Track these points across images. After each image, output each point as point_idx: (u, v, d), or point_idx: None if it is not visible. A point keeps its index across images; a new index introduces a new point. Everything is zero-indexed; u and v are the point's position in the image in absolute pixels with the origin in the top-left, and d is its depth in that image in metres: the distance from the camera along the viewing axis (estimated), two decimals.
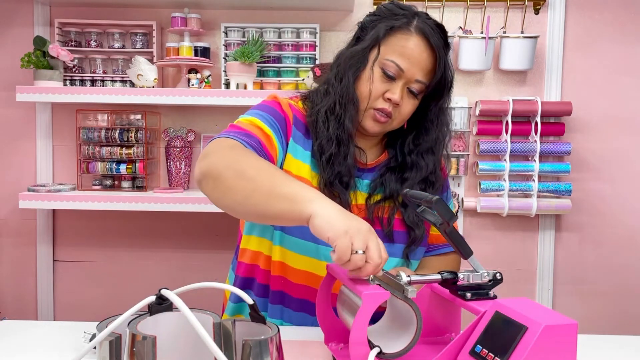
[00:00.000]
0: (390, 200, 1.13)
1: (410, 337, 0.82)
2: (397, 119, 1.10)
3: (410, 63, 1.05)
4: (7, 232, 2.27)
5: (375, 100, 1.08)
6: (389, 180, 1.14)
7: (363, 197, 1.13)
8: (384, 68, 1.06)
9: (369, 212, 1.11)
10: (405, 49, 1.05)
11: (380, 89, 1.07)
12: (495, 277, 0.86)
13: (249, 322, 0.71)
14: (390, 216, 1.12)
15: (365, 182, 1.15)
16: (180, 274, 2.28)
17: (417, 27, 1.06)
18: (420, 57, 1.05)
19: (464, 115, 2.18)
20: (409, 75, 1.06)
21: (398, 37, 1.06)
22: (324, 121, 1.09)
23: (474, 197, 2.21)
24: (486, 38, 2.09)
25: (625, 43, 2.19)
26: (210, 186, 0.92)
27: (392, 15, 1.08)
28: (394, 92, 1.06)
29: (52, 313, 2.29)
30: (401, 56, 1.05)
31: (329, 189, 1.07)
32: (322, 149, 1.08)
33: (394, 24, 1.06)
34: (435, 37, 1.06)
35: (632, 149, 2.22)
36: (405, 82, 1.07)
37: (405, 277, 0.83)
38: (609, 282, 2.26)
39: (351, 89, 1.08)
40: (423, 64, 1.06)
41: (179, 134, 2.18)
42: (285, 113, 1.10)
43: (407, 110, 1.10)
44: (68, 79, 2.12)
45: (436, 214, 0.84)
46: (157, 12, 2.18)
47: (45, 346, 0.98)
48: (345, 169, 1.08)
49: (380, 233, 1.11)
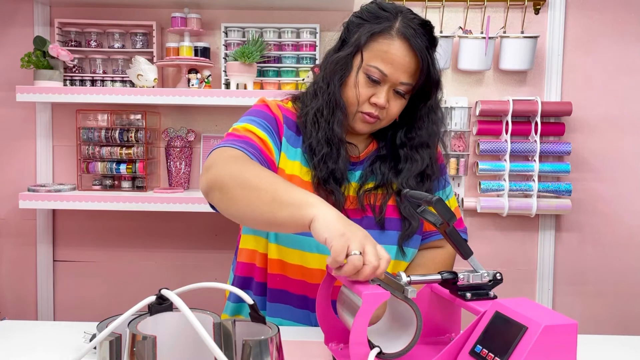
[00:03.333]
0: (382, 188, 1.14)
1: (410, 337, 0.82)
2: (386, 119, 1.12)
3: (393, 68, 1.06)
4: (7, 232, 2.27)
5: (362, 105, 1.09)
6: (380, 168, 1.15)
7: (355, 188, 1.14)
8: (368, 74, 1.07)
9: (359, 200, 1.12)
10: (387, 54, 1.05)
11: (366, 94, 1.08)
12: (495, 277, 0.86)
13: (249, 322, 0.71)
14: (382, 204, 1.13)
15: (357, 174, 1.15)
16: (180, 274, 2.28)
17: (399, 31, 1.05)
18: (403, 60, 1.05)
19: (464, 115, 2.18)
20: (394, 79, 1.07)
21: (380, 42, 1.06)
22: (314, 123, 1.10)
23: (474, 197, 2.21)
24: (486, 38, 2.09)
25: (625, 43, 2.19)
26: (217, 197, 0.94)
27: (374, 19, 1.08)
28: (379, 96, 1.07)
29: (52, 313, 2.28)
30: (384, 62, 1.06)
31: (323, 187, 1.09)
32: (313, 150, 1.10)
33: (375, 29, 1.06)
34: (418, 39, 1.05)
35: (632, 149, 2.22)
36: (390, 85, 1.08)
37: (405, 277, 0.83)
38: (609, 282, 2.25)
39: (338, 95, 1.09)
40: (407, 67, 1.06)
41: (179, 134, 2.18)
42: (274, 114, 1.12)
43: (395, 110, 1.11)
44: (68, 79, 2.12)
45: (436, 214, 0.84)
46: (157, 12, 2.18)
47: (45, 346, 0.98)
48: (339, 167, 1.09)
49: (371, 221, 1.12)
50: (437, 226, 0.85)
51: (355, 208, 1.12)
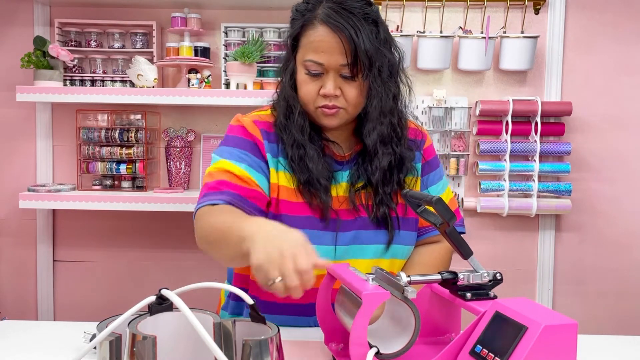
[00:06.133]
0: (371, 185, 1.13)
1: (408, 337, 0.82)
2: (349, 106, 1.09)
3: (326, 54, 1.05)
4: (7, 232, 2.27)
5: (315, 100, 1.08)
6: (364, 165, 1.14)
7: (345, 189, 1.13)
8: (307, 68, 1.07)
9: (351, 200, 1.12)
10: (315, 43, 1.05)
11: (314, 89, 1.08)
12: (495, 277, 0.86)
13: (249, 322, 0.71)
14: (373, 202, 1.13)
15: (346, 173, 1.15)
16: (180, 274, 2.28)
17: (319, 17, 1.05)
18: (331, 43, 1.04)
19: (464, 115, 2.18)
20: (333, 65, 1.05)
21: (307, 34, 1.07)
22: (284, 128, 1.12)
23: (474, 197, 2.21)
24: (486, 38, 2.09)
25: (625, 43, 2.19)
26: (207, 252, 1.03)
27: (301, 15, 1.09)
28: (326, 86, 1.06)
29: (52, 313, 2.28)
30: (315, 52, 1.05)
31: (306, 189, 1.09)
32: (289, 154, 1.10)
33: (301, 23, 1.08)
34: (339, 18, 1.03)
35: (632, 149, 2.22)
36: (333, 71, 1.06)
37: (405, 277, 0.83)
38: (609, 282, 2.25)
39: (291, 98, 1.11)
40: (338, 48, 1.04)
41: (179, 134, 2.18)
42: (251, 136, 1.12)
43: (352, 94, 1.07)
44: (68, 79, 2.12)
45: (436, 213, 0.84)
46: (157, 12, 2.18)
47: (45, 346, 0.98)
48: (320, 170, 1.09)
49: (365, 221, 1.12)
50: (437, 226, 0.85)
51: (347, 208, 1.12)
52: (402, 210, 1.15)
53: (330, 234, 1.10)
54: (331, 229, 1.10)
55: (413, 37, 2.12)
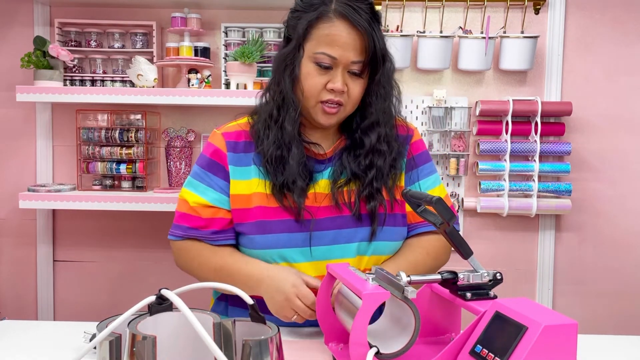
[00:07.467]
0: (354, 181, 1.13)
1: (408, 337, 0.82)
2: (349, 103, 1.10)
3: (341, 49, 1.05)
4: (7, 232, 2.27)
5: (320, 93, 1.08)
6: (348, 161, 1.14)
7: (326, 186, 1.13)
8: (317, 62, 1.07)
9: (334, 197, 1.11)
10: (331, 37, 1.05)
11: (321, 82, 1.07)
12: (495, 277, 0.86)
13: (249, 322, 0.71)
14: (356, 198, 1.12)
15: (327, 172, 1.14)
16: (180, 274, 2.27)
17: (336, 11, 1.05)
18: (348, 39, 1.05)
19: (464, 115, 2.18)
20: (344, 60, 1.06)
21: (321, 27, 1.06)
22: (265, 128, 1.11)
23: (474, 197, 2.21)
24: (486, 38, 2.09)
25: (625, 43, 2.19)
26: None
27: (309, 7, 1.08)
28: (335, 81, 1.06)
29: (52, 313, 2.28)
30: (330, 45, 1.05)
31: (279, 192, 1.09)
32: (265, 155, 1.10)
33: (312, 16, 1.06)
34: (357, 15, 1.04)
35: (632, 149, 2.22)
36: (343, 67, 1.06)
37: (405, 277, 0.83)
38: (609, 282, 2.25)
39: (289, 92, 1.09)
40: (353, 44, 1.05)
41: (179, 134, 2.18)
42: (213, 152, 1.15)
43: (356, 92, 1.09)
44: (68, 79, 2.12)
45: (436, 213, 0.84)
46: (157, 12, 2.18)
47: (45, 346, 0.98)
48: (300, 171, 1.09)
49: (345, 219, 1.11)
50: (437, 226, 0.85)
51: (329, 205, 1.11)
52: (389, 206, 1.14)
53: (306, 235, 1.09)
54: (307, 229, 1.10)
55: (413, 37, 2.12)
